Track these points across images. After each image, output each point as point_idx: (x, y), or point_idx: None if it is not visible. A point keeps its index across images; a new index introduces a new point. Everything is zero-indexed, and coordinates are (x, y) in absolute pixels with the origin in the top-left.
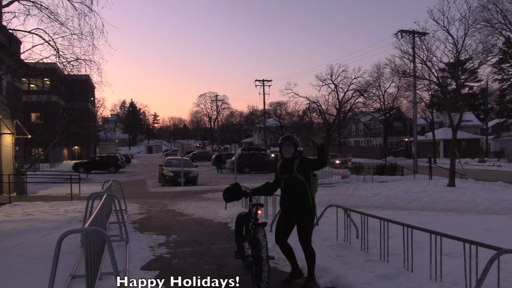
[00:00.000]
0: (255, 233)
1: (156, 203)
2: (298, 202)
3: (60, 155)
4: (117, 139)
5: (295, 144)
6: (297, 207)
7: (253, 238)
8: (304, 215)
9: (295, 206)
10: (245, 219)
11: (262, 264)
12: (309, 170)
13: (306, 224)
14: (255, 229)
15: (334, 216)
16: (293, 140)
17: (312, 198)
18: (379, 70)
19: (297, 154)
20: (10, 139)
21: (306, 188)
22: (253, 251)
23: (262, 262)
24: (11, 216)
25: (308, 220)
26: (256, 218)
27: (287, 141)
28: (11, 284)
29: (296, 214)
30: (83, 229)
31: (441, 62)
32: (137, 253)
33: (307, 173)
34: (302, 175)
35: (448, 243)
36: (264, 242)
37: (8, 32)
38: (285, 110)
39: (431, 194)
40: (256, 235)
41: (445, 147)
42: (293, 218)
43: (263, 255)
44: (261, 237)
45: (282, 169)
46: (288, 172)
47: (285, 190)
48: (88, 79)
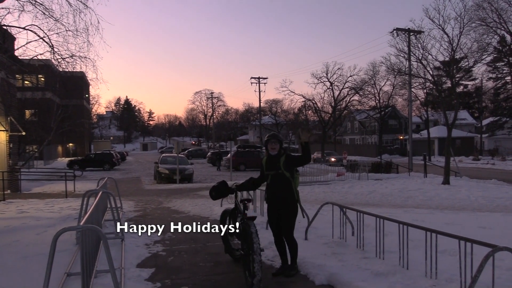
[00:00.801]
0: (246, 226)
1: (151, 201)
2: (284, 197)
3: (54, 152)
4: (112, 136)
5: (281, 141)
6: (283, 202)
7: (243, 231)
8: (289, 209)
9: (281, 201)
10: (231, 214)
11: (255, 256)
12: (293, 166)
13: (290, 217)
14: (246, 223)
15: (329, 214)
16: (279, 138)
17: (296, 193)
18: (374, 68)
19: (282, 151)
20: (4, 136)
21: (291, 184)
22: (243, 244)
23: (254, 254)
24: (5, 214)
25: (293, 213)
26: (245, 212)
27: (273, 139)
28: (6, 282)
29: (282, 208)
30: (79, 227)
31: (436, 61)
32: (133, 251)
33: (292, 169)
34: (288, 171)
35: (443, 241)
36: (256, 236)
37: (2, 28)
38: (281, 107)
39: (426, 192)
40: (248, 229)
41: (440, 145)
42: (279, 212)
43: (255, 248)
44: (252, 231)
45: (268, 166)
46: (274, 169)
47: (271, 186)
48: (83, 76)
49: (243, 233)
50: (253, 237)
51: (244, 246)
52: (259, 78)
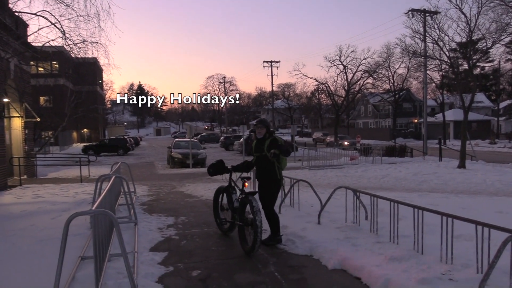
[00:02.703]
0: (248, 201)
1: (164, 185)
2: (267, 175)
3: (69, 138)
4: (126, 121)
5: (267, 126)
6: (266, 180)
7: (242, 205)
8: (270, 185)
9: (265, 179)
10: (226, 191)
11: (257, 226)
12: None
13: (270, 194)
14: (246, 198)
15: (343, 198)
16: (265, 123)
17: (279, 172)
18: (388, 50)
19: (268, 135)
20: (19, 122)
21: (274, 165)
22: (240, 215)
23: (257, 224)
24: (21, 199)
25: (273, 190)
26: (243, 189)
27: (260, 124)
28: (21, 265)
29: (264, 185)
30: (91, 211)
31: (453, 42)
32: (146, 235)
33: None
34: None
35: (459, 225)
36: (258, 209)
37: (14, 14)
38: (293, 91)
39: (441, 175)
40: (250, 203)
41: (455, 128)
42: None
43: (258, 221)
44: (255, 204)
45: (255, 148)
46: (259, 151)
47: (257, 165)
48: (95, 62)
49: (241, 206)
50: (256, 211)
51: (242, 218)
52: (272, 62)
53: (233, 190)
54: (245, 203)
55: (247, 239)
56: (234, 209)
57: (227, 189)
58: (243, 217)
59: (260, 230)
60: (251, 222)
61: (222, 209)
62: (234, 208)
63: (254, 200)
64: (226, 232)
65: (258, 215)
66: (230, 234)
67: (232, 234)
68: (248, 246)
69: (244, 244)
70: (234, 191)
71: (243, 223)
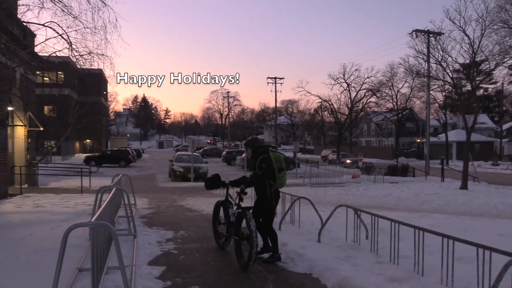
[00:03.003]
0: (244, 215)
1: (165, 198)
2: (259, 193)
3: (72, 148)
4: (129, 133)
5: (252, 146)
6: (258, 196)
7: (238, 219)
8: (260, 202)
9: (257, 195)
10: (223, 205)
11: (253, 241)
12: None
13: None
14: (243, 212)
15: (343, 216)
16: (250, 144)
17: (270, 191)
18: (392, 69)
19: (258, 154)
20: (22, 131)
21: (265, 183)
22: (236, 230)
23: (252, 239)
24: (21, 208)
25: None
26: (239, 204)
27: (244, 146)
28: (19, 275)
29: (257, 201)
30: (90, 223)
31: (456, 63)
32: (145, 248)
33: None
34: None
35: (460, 247)
36: (253, 223)
37: (22, 24)
38: (297, 108)
39: (443, 196)
40: (246, 217)
41: (458, 149)
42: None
43: (253, 236)
44: (250, 219)
45: (249, 166)
46: (252, 169)
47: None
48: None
49: (237, 221)
50: (251, 225)
51: (238, 232)
52: (276, 78)
53: (230, 204)
54: (241, 218)
55: (243, 254)
56: (230, 223)
57: (224, 203)
58: (239, 231)
59: (255, 244)
60: (247, 236)
61: (219, 223)
62: (231, 223)
63: (250, 215)
64: (222, 246)
65: (254, 230)
66: (227, 249)
67: (231, 250)
68: (244, 261)
69: (240, 259)
70: (230, 205)
71: (239, 237)
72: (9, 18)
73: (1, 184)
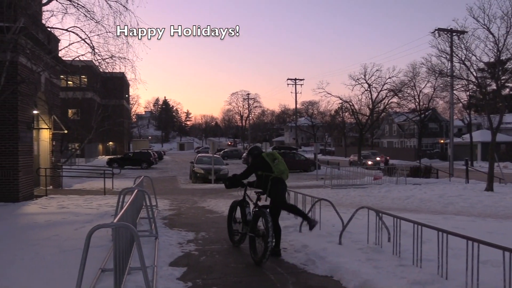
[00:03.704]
0: (261, 214)
1: (186, 200)
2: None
3: (95, 150)
4: (150, 135)
5: (251, 154)
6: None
7: (255, 217)
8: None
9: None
10: (240, 205)
11: (268, 238)
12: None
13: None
14: (260, 211)
15: (365, 218)
16: (249, 152)
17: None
18: (414, 69)
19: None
20: (47, 134)
21: (266, 183)
22: (253, 227)
23: (268, 236)
24: (46, 209)
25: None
26: (257, 203)
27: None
28: (44, 274)
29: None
30: (112, 224)
31: (481, 62)
32: (166, 249)
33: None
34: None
35: (485, 251)
36: (270, 222)
37: (47, 30)
38: (317, 109)
39: (468, 198)
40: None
41: (483, 150)
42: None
43: (269, 232)
44: (268, 217)
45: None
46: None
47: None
48: (122, 77)
49: (254, 219)
50: (268, 222)
51: (254, 230)
52: (296, 79)
53: (247, 204)
54: (258, 216)
55: (257, 250)
56: (247, 222)
57: (241, 202)
58: (255, 229)
59: (271, 240)
60: (262, 234)
61: (234, 221)
62: (247, 221)
63: (267, 213)
64: (236, 243)
65: (270, 228)
66: (246, 251)
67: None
68: (258, 257)
69: (254, 255)
70: (247, 205)
71: (254, 234)
72: (34, 24)
73: (27, 185)
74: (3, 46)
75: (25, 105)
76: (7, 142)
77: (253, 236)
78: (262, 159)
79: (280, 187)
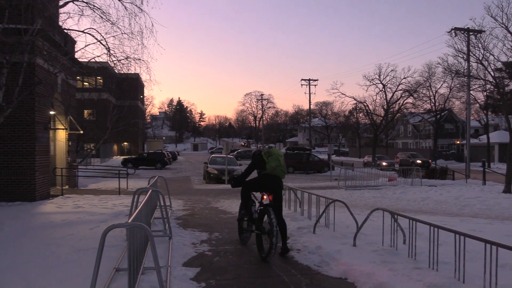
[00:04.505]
0: (266, 211)
1: (200, 200)
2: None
3: (110, 150)
4: (164, 136)
5: (253, 155)
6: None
7: (260, 215)
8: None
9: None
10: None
11: (273, 235)
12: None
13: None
14: (265, 209)
15: (380, 220)
16: (252, 154)
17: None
18: (430, 69)
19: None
20: (64, 134)
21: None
22: (258, 225)
23: (273, 233)
24: (62, 208)
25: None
26: (262, 202)
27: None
28: (59, 273)
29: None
30: (126, 224)
31: (499, 61)
32: (180, 249)
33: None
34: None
35: (504, 254)
36: (275, 219)
37: (63, 31)
38: (331, 110)
39: (485, 200)
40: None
41: (500, 151)
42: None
43: (274, 229)
44: (272, 214)
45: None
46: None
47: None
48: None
49: (259, 217)
50: (272, 219)
51: (260, 227)
52: (310, 80)
53: (253, 202)
54: (263, 214)
55: (263, 247)
56: (253, 220)
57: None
58: (261, 226)
59: (276, 237)
60: (267, 231)
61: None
62: (253, 219)
63: (271, 210)
64: (244, 240)
65: (275, 225)
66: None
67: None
68: (264, 252)
69: (261, 251)
70: (253, 203)
71: (260, 232)
72: (51, 26)
73: (43, 185)
74: (20, 48)
75: (42, 106)
76: (24, 142)
77: (259, 233)
78: (259, 158)
79: (266, 182)
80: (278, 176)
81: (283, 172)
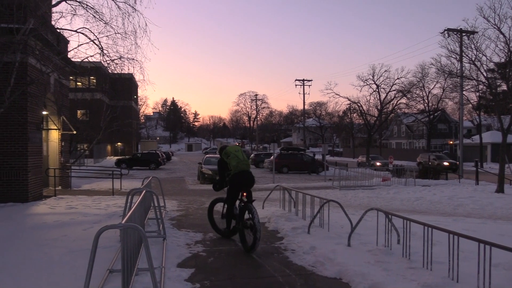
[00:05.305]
0: (247, 208)
1: (194, 201)
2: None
3: (104, 151)
4: (158, 136)
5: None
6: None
7: (241, 211)
8: (228, 191)
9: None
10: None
11: (257, 227)
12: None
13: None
14: (245, 205)
15: (374, 220)
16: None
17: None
18: (423, 70)
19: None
20: (56, 134)
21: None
22: (239, 221)
23: (256, 226)
24: (55, 209)
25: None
26: (242, 198)
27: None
28: (52, 275)
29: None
30: (120, 225)
31: (491, 62)
32: (174, 250)
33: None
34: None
35: (497, 253)
36: (256, 213)
37: (56, 31)
38: (325, 110)
39: (478, 200)
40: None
41: (493, 151)
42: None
43: (257, 222)
44: (254, 210)
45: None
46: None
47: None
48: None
49: (241, 213)
50: (254, 214)
51: (242, 222)
52: (304, 80)
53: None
54: (243, 210)
55: (246, 240)
56: (234, 216)
57: (222, 199)
58: (243, 221)
59: (259, 230)
60: (250, 225)
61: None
62: (234, 215)
63: (252, 206)
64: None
65: (257, 220)
66: (256, 253)
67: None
68: (248, 246)
69: (245, 244)
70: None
71: (243, 227)
72: (43, 25)
73: (36, 186)
74: (12, 47)
75: (34, 106)
76: (16, 143)
77: (241, 228)
78: (221, 159)
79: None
80: (246, 170)
81: (247, 165)
